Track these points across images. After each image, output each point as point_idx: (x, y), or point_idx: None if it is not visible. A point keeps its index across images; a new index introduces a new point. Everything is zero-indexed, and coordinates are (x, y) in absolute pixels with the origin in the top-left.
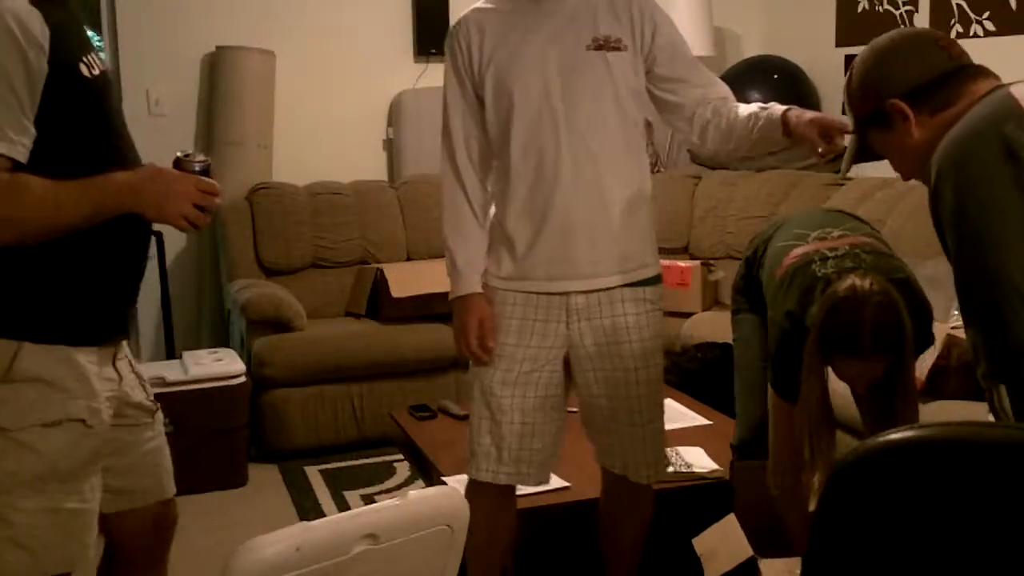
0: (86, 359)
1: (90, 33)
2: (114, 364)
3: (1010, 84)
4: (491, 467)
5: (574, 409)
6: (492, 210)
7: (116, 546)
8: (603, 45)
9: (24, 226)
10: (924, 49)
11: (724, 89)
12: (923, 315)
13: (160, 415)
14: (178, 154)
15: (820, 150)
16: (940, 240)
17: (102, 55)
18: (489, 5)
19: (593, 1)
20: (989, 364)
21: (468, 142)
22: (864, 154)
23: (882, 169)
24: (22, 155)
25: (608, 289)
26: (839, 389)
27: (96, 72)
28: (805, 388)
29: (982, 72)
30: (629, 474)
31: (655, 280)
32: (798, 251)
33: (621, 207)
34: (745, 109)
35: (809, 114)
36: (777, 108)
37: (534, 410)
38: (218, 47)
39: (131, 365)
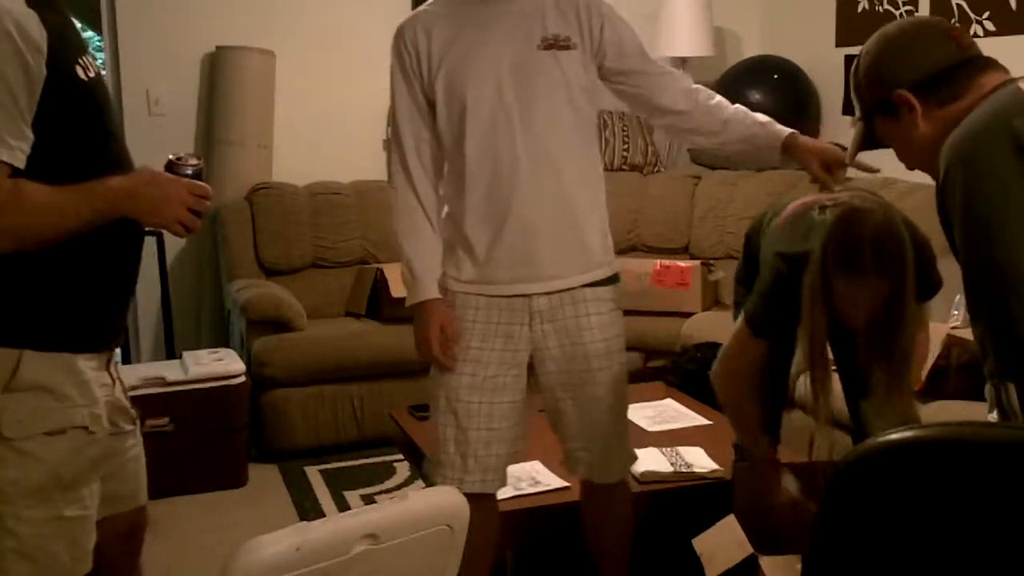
0: (86, 365)
1: (90, 33)
2: (108, 369)
3: (1020, 78)
4: (456, 475)
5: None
6: (445, 209)
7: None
8: (553, 44)
9: (25, 234)
10: (932, 39)
11: (688, 78)
12: (924, 253)
13: (137, 422)
14: (170, 157)
15: (817, 181)
16: (947, 236)
17: (95, 57)
18: (434, 8)
19: (539, 1)
20: (997, 361)
21: (420, 146)
22: (870, 143)
23: (882, 169)
24: (21, 161)
25: (570, 290)
26: (836, 391)
27: (92, 75)
28: (808, 320)
29: (991, 64)
30: (595, 476)
31: (614, 279)
32: (798, 202)
33: (579, 206)
34: (732, 109)
35: (817, 144)
36: (780, 131)
37: (501, 416)
38: (218, 47)
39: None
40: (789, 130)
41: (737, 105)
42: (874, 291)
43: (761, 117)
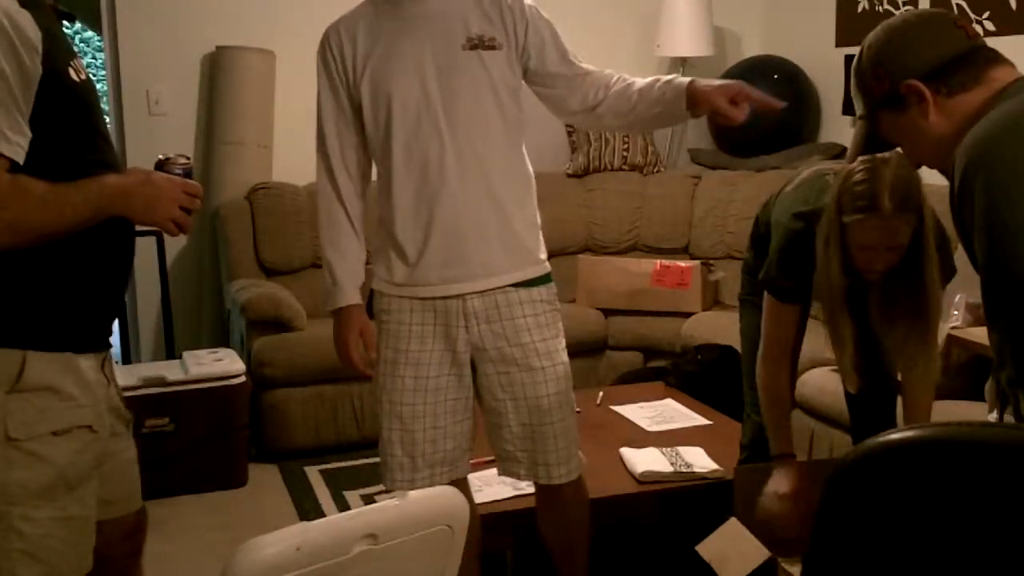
0: (87, 365)
1: (90, 33)
2: (103, 369)
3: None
4: (406, 477)
5: None
6: (377, 214)
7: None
8: (478, 44)
9: (24, 228)
10: (941, 28)
11: (608, 72)
12: (941, 230)
13: (130, 425)
14: (160, 156)
15: (732, 114)
16: (961, 238)
17: (86, 61)
18: (358, 11)
19: (462, 2)
20: (1016, 369)
21: (344, 151)
22: (872, 143)
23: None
24: (20, 156)
25: (503, 290)
26: (837, 390)
27: (83, 77)
28: (824, 269)
29: (999, 58)
30: (539, 478)
31: (546, 279)
32: (811, 169)
33: (507, 205)
34: (643, 81)
35: (716, 82)
36: (681, 80)
37: (445, 414)
38: (218, 47)
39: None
40: (687, 79)
41: (637, 80)
42: (892, 234)
43: (661, 83)
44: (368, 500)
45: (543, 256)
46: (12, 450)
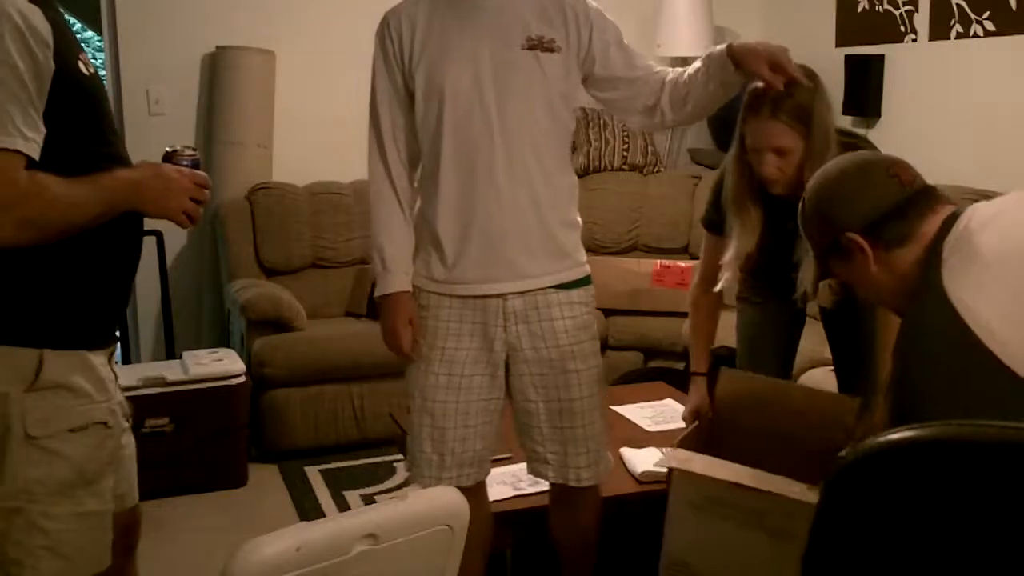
0: (99, 361)
1: (90, 33)
2: (110, 365)
3: (955, 212)
4: (433, 474)
5: None
6: (417, 206)
7: None
8: (536, 45)
9: (44, 224)
10: (874, 180)
11: (663, 69)
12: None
13: (130, 420)
14: (167, 149)
15: (773, 82)
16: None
17: (92, 55)
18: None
19: (524, 1)
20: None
21: (397, 135)
22: (827, 277)
23: None
24: (36, 152)
25: (543, 291)
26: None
27: (91, 71)
28: (733, 179)
29: (931, 203)
30: (569, 479)
31: (585, 281)
32: None
33: (550, 208)
34: (691, 67)
35: (758, 45)
36: (720, 48)
37: (477, 413)
38: (218, 47)
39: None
40: (723, 46)
41: (685, 69)
42: (771, 136)
43: (705, 59)
44: (368, 500)
45: (583, 259)
46: (31, 448)
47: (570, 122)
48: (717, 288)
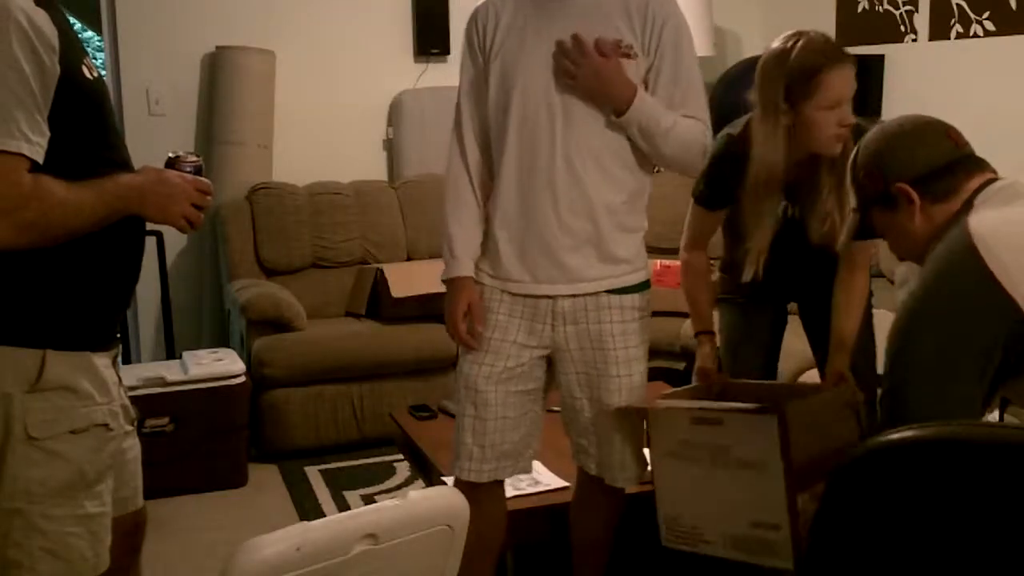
0: (101, 363)
1: (90, 33)
2: (113, 367)
3: (994, 180)
4: (474, 467)
5: (557, 408)
6: None
7: None
8: (612, 51)
9: (47, 228)
10: (934, 137)
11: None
12: None
13: (135, 423)
14: (169, 155)
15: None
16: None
17: (95, 57)
18: None
19: (610, 2)
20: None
21: (475, 122)
22: (862, 233)
23: None
24: (40, 156)
25: (595, 294)
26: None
27: (95, 74)
28: (767, 148)
29: (979, 165)
30: (605, 477)
31: (643, 286)
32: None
33: (609, 214)
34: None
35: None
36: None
37: (515, 405)
38: (218, 47)
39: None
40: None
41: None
42: (853, 84)
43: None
44: (368, 500)
45: (642, 264)
46: (32, 449)
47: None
48: (714, 275)
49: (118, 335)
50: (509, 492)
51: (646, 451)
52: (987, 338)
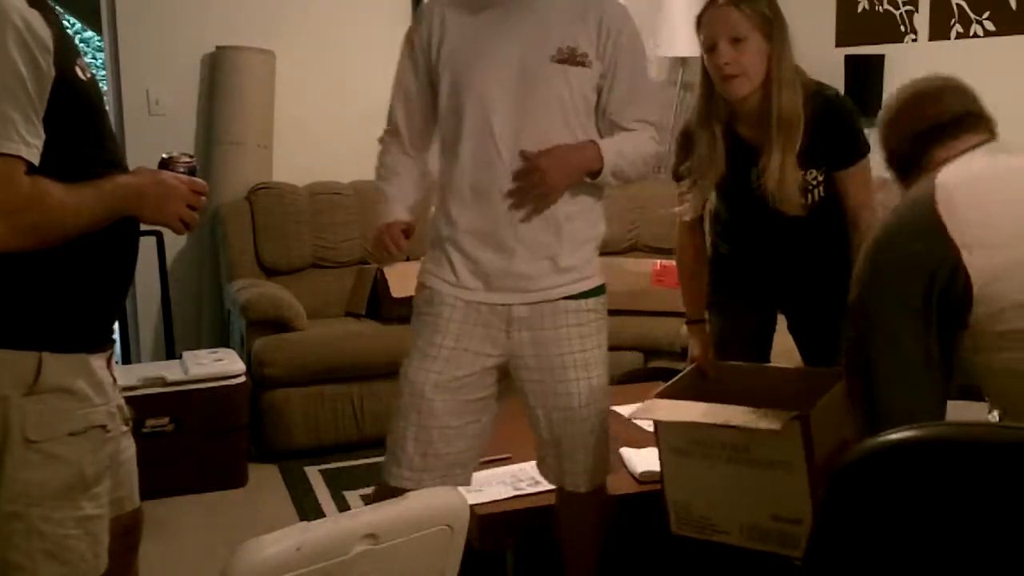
0: (97, 364)
1: (90, 33)
2: (108, 368)
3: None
4: (415, 475)
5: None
6: (432, 209)
7: None
8: (567, 59)
9: (45, 230)
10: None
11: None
12: (845, 110)
13: (130, 424)
14: (163, 155)
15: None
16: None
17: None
18: None
19: (566, 4)
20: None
21: (410, 114)
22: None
23: (883, 169)
24: (36, 158)
25: (551, 301)
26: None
27: (88, 76)
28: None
29: (963, 127)
30: (566, 484)
31: (599, 291)
32: None
33: (563, 222)
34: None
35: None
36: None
37: (464, 413)
38: (218, 47)
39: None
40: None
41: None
42: (729, 23)
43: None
44: (368, 500)
45: (594, 271)
46: (30, 452)
47: (593, 135)
48: (687, 218)
49: (113, 335)
50: (509, 492)
51: (644, 454)
52: (927, 279)
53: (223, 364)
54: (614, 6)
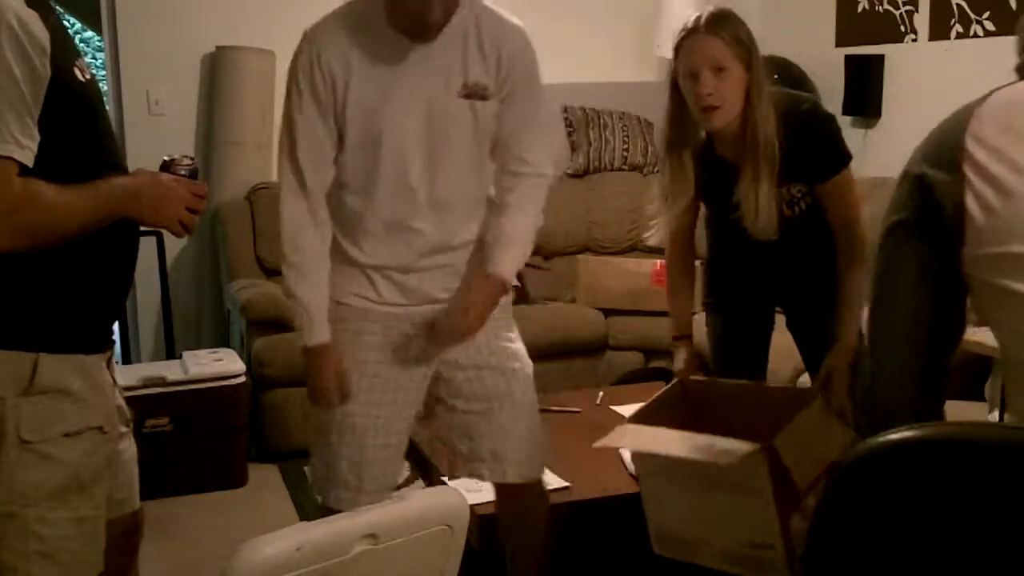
0: (95, 365)
1: (90, 33)
2: (108, 369)
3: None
4: (350, 496)
5: (561, 408)
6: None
7: None
8: (472, 93)
9: (38, 232)
10: None
11: (539, 169)
12: (821, 121)
13: (131, 424)
14: (164, 158)
15: None
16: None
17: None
18: (346, 23)
19: (464, 39)
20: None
21: (318, 168)
22: None
23: (881, 169)
24: (31, 160)
25: None
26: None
27: (87, 76)
28: (666, 113)
29: None
30: (509, 476)
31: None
32: None
33: (468, 248)
34: (494, 234)
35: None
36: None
37: (397, 431)
38: (218, 47)
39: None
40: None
41: (514, 226)
42: (710, 53)
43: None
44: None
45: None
46: (26, 452)
47: (491, 165)
48: (653, 240)
49: (112, 336)
50: None
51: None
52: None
53: (223, 364)
54: (513, 37)
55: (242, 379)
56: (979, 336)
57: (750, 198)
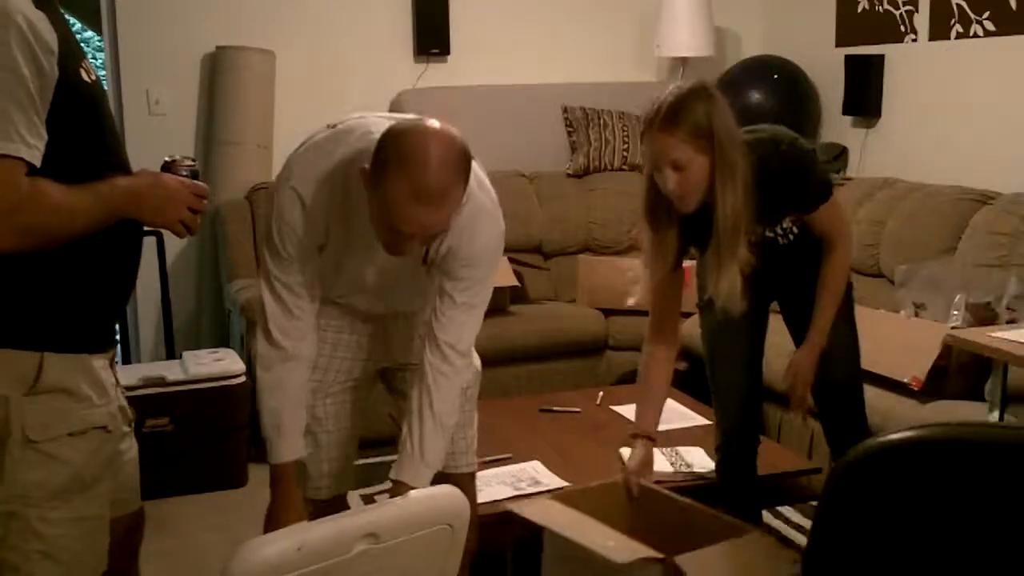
0: (99, 365)
1: (90, 33)
2: (111, 368)
3: None
4: (312, 484)
5: (561, 408)
6: None
7: None
8: (432, 262)
9: (43, 231)
10: None
11: (442, 368)
12: (798, 157)
13: (133, 424)
14: (166, 158)
15: None
16: None
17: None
18: (325, 192)
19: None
20: None
21: (308, 285)
22: None
23: (882, 169)
24: (38, 160)
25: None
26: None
27: (92, 77)
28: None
29: None
30: (460, 465)
31: None
32: None
33: (422, 311)
34: (415, 428)
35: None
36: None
37: (347, 415)
38: (218, 47)
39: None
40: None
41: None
42: (666, 150)
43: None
44: (368, 500)
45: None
46: (30, 451)
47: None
48: (632, 302)
49: (116, 336)
50: (509, 492)
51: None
52: None
53: (223, 364)
54: (482, 236)
55: (242, 379)
56: (979, 336)
57: (713, 279)
